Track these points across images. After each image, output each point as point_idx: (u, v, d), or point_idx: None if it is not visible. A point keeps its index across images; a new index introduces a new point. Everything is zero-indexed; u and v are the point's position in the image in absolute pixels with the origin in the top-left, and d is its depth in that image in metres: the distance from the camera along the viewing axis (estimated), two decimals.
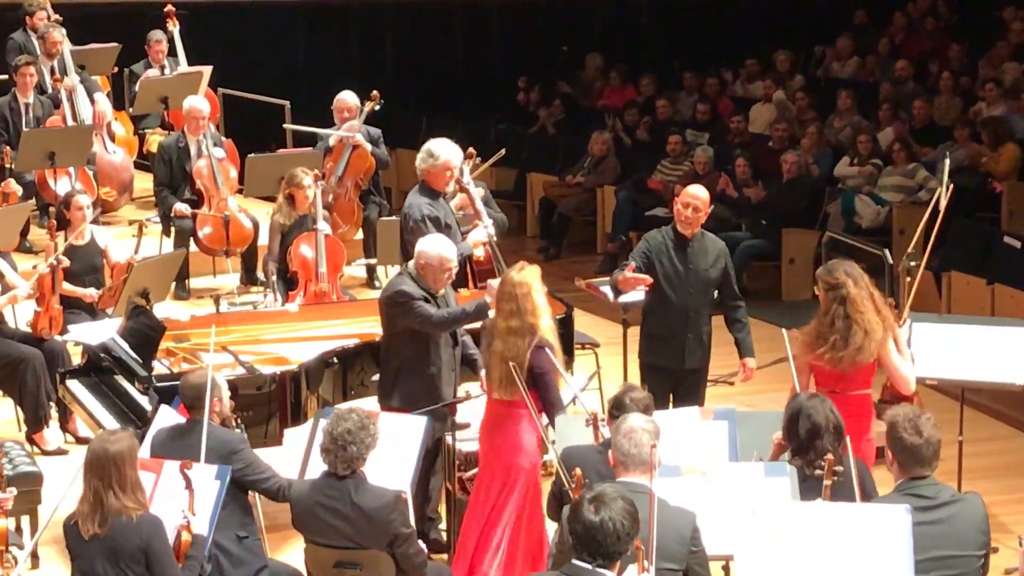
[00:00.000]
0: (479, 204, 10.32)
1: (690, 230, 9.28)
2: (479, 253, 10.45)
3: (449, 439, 8.46)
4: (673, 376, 9.30)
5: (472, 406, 8.79)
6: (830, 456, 6.88)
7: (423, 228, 9.57)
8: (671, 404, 9.18)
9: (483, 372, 8.61)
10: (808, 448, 7.07)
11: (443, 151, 9.84)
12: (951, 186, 10.01)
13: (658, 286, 9.26)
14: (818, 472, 6.91)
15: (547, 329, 8.20)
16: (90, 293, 10.80)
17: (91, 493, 6.78)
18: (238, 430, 8.01)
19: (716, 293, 9.45)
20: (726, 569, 7.22)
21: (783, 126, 16.26)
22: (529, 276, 8.25)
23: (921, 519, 6.29)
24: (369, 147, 12.94)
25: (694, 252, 9.30)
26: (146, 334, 9.07)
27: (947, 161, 10.48)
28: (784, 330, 8.55)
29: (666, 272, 9.27)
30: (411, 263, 8.74)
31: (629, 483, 6.37)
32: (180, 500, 7.11)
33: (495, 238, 10.29)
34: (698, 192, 9.38)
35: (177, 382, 8.07)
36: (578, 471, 6.94)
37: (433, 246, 8.69)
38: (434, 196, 9.87)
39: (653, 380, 9.08)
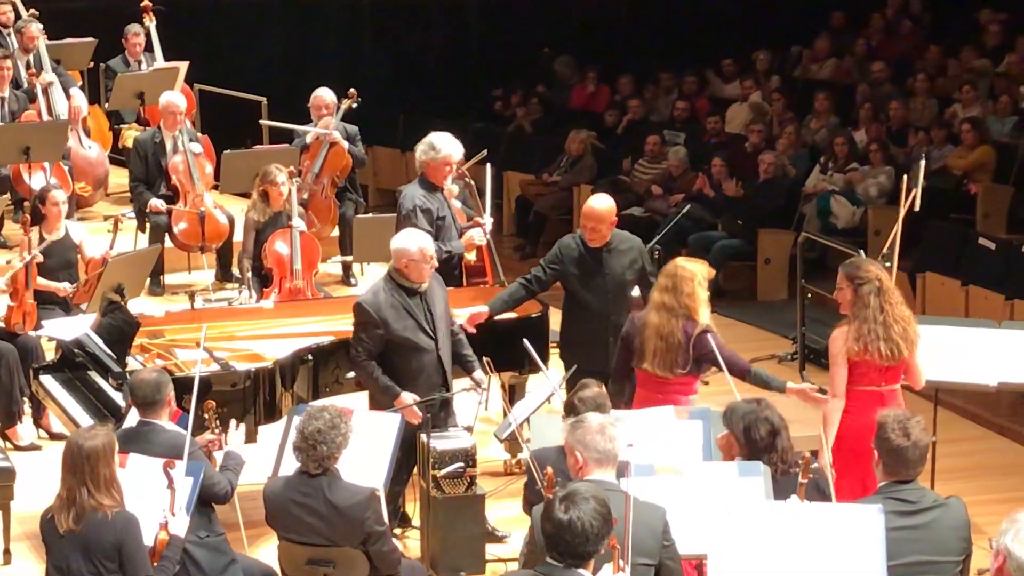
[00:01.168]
0: (483, 202, 10.37)
1: (597, 243, 9.26)
2: (471, 257, 10.44)
3: (424, 437, 8.45)
4: (603, 379, 9.25)
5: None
6: (807, 455, 6.90)
7: (412, 218, 9.60)
8: None
9: (476, 374, 8.73)
10: (772, 448, 7.09)
11: (445, 145, 9.93)
12: (911, 189, 10.00)
13: (575, 293, 9.27)
14: (793, 471, 6.93)
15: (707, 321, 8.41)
16: (64, 287, 10.77)
17: (66, 489, 6.76)
18: (217, 429, 7.98)
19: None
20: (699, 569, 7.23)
21: (759, 127, 16.28)
22: (696, 268, 8.47)
23: (902, 524, 6.30)
24: (346, 145, 12.93)
25: (608, 256, 9.30)
26: (120, 330, 9.06)
27: (923, 163, 10.50)
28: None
29: (581, 279, 9.28)
30: (391, 265, 8.76)
31: (603, 481, 6.37)
32: (154, 498, 7.07)
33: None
34: (593, 207, 9.29)
35: None
36: (549, 470, 6.94)
37: (410, 240, 8.71)
38: (431, 189, 9.94)
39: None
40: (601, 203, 9.32)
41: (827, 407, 8.24)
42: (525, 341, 8.37)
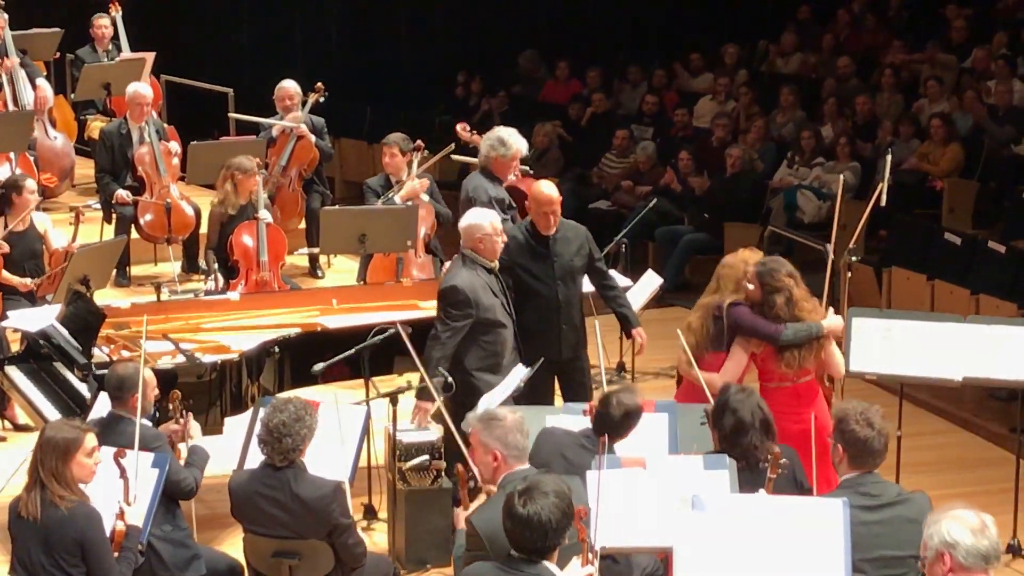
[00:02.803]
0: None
1: (551, 230, 9.23)
2: None
3: (391, 428, 8.44)
4: (556, 367, 9.30)
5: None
6: (777, 450, 6.91)
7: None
8: (558, 396, 9.32)
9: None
10: (733, 445, 7.10)
11: (515, 141, 10.01)
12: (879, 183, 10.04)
13: (523, 282, 9.22)
14: (763, 466, 6.94)
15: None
16: (26, 283, 10.72)
17: (33, 476, 6.75)
18: (182, 419, 7.96)
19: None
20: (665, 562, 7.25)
21: (724, 122, 16.31)
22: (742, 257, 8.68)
23: (865, 519, 6.32)
24: (314, 139, 12.92)
25: (555, 243, 9.28)
26: (86, 321, 9.02)
27: (888, 157, 10.52)
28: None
29: (530, 268, 9.24)
30: (464, 247, 8.84)
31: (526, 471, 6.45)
32: (113, 489, 7.05)
33: None
34: (549, 193, 9.24)
35: None
36: (459, 466, 6.99)
37: (480, 216, 8.87)
38: (496, 182, 10.06)
39: (536, 373, 9.01)
40: (553, 188, 9.34)
41: (707, 378, 8.25)
42: (399, 327, 8.34)
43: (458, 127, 12.69)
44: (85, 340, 8.90)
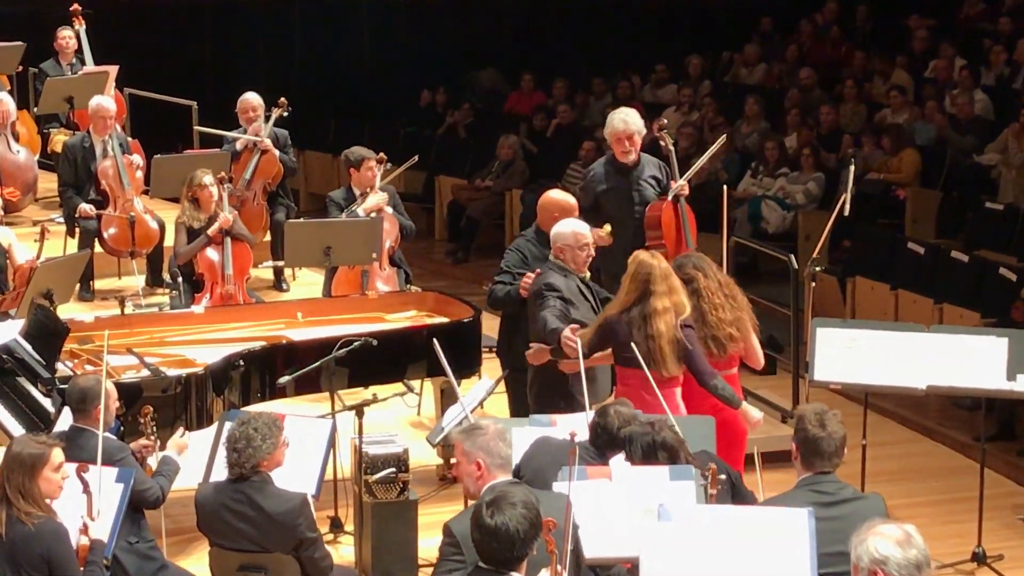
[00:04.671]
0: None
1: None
2: None
3: (356, 440, 8.43)
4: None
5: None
6: (713, 466, 6.94)
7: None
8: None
9: None
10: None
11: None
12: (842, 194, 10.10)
13: None
14: (700, 484, 6.95)
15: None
16: None
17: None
18: (153, 435, 7.93)
19: None
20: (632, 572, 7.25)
21: (689, 131, 16.34)
22: (658, 259, 8.50)
23: (821, 515, 6.34)
24: (277, 153, 12.90)
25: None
26: (50, 335, 8.98)
27: (851, 168, 10.56)
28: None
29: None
30: (552, 255, 8.91)
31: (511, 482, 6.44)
32: (71, 503, 6.98)
33: None
34: (569, 200, 9.49)
35: None
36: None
37: (565, 225, 8.90)
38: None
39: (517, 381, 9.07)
40: (569, 195, 9.57)
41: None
42: (435, 343, 8.39)
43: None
44: (49, 354, 8.86)
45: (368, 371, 9.26)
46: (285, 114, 13.03)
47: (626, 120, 10.14)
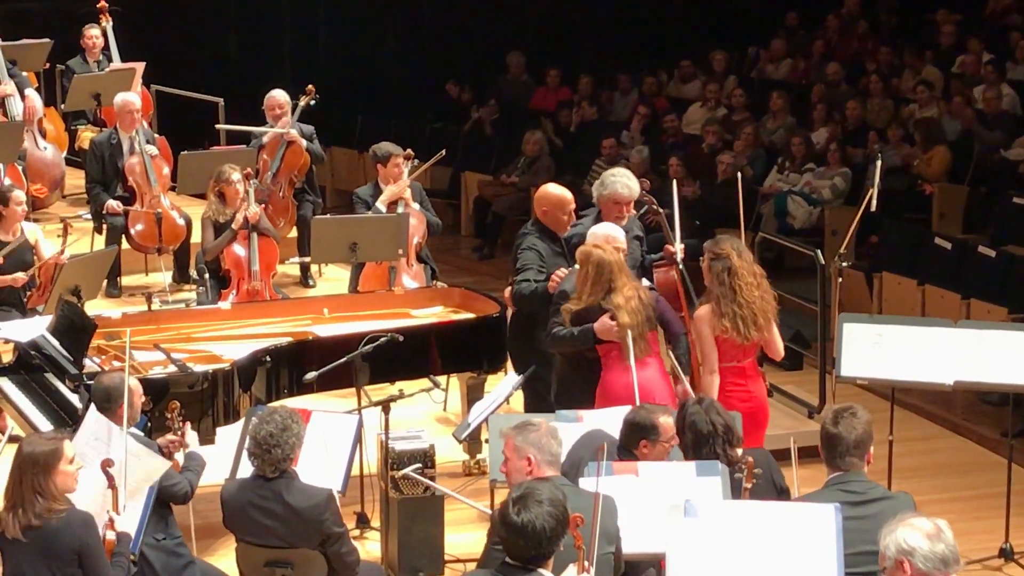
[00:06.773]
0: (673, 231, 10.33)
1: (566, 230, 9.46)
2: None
3: (383, 436, 8.44)
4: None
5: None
6: (750, 459, 6.93)
7: None
8: None
9: None
10: (695, 457, 7.12)
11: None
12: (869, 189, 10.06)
13: None
14: (737, 476, 6.95)
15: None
16: (18, 277, 10.75)
17: (12, 494, 6.71)
18: (180, 430, 7.95)
19: None
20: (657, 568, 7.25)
21: (714, 128, 16.32)
22: (604, 251, 8.69)
23: (850, 514, 6.33)
24: (304, 143, 12.91)
25: (568, 246, 9.41)
26: (77, 332, 9.01)
27: (879, 163, 10.53)
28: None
29: (553, 271, 9.33)
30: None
31: (562, 481, 6.42)
32: (97, 498, 6.99)
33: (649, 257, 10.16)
34: (566, 194, 9.55)
35: None
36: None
37: (599, 229, 9.01)
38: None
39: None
40: (565, 190, 9.57)
41: (706, 383, 8.52)
42: None
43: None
44: (76, 351, 8.89)
45: (394, 367, 9.27)
46: (312, 102, 13.03)
47: (629, 185, 9.62)
